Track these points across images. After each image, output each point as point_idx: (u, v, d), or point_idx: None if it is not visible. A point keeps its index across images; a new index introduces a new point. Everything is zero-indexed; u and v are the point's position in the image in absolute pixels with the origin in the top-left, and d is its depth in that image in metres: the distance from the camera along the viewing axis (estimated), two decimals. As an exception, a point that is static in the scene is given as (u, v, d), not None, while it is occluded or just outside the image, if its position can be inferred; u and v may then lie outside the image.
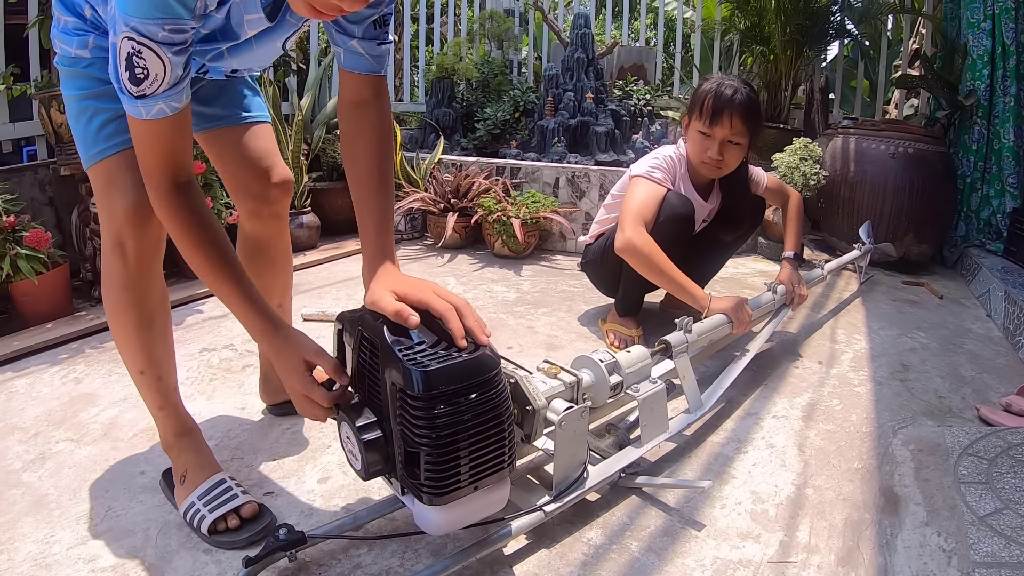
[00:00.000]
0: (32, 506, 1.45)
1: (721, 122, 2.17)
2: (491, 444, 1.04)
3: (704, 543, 1.35)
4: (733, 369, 1.94)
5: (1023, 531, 1.26)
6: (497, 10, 6.07)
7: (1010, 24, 3.94)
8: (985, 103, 4.03)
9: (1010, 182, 3.98)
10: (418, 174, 3.92)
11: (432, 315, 1.09)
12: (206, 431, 1.71)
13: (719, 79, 2.23)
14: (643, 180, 2.24)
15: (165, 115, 1.08)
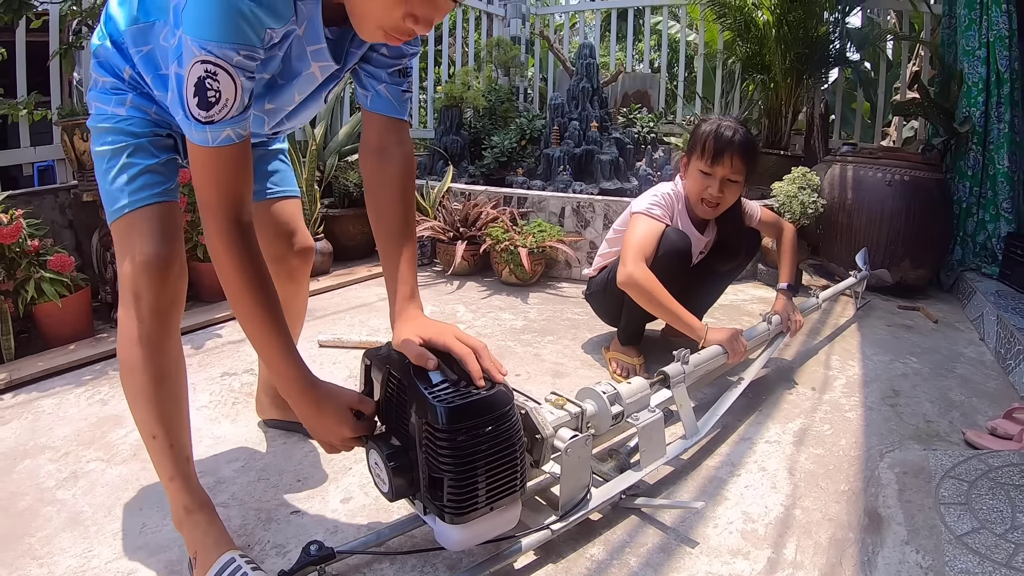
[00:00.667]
0: (68, 522, 1.54)
1: (722, 162, 2.29)
2: (505, 470, 1.17)
3: (698, 559, 1.46)
4: (728, 397, 2.05)
5: (997, 549, 1.35)
6: (504, 38, 6.23)
7: (1004, 52, 4.07)
8: (980, 129, 4.15)
9: (1005, 207, 4.09)
10: (428, 202, 4.04)
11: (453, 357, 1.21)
12: (231, 453, 1.84)
13: (718, 120, 2.36)
14: (643, 217, 2.36)
15: (232, 142, 1.10)
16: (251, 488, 1.67)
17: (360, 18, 1.14)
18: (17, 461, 1.81)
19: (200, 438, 1.89)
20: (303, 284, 1.77)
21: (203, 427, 1.98)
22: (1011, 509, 1.49)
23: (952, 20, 4.44)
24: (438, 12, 1.11)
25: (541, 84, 7.01)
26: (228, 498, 1.63)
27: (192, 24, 1.03)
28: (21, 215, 2.57)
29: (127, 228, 1.29)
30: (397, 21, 1.09)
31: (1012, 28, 4.07)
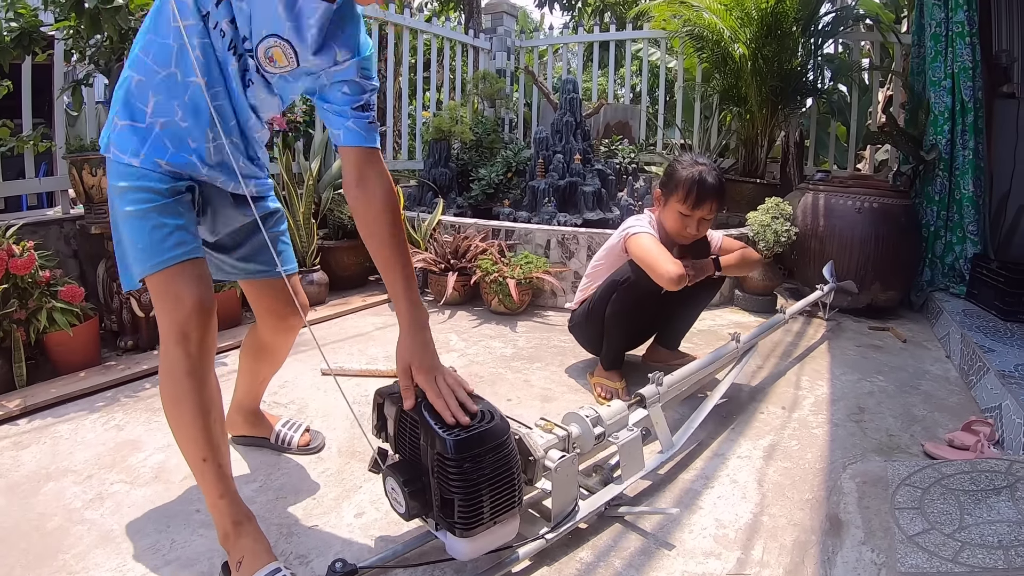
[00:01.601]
0: (100, 540, 1.65)
1: (703, 207, 2.51)
2: (505, 489, 1.37)
3: (675, 560, 1.65)
4: (700, 413, 2.24)
5: (944, 547, 1.53)
6: (490, 71, 6.44)
7: (968, 83, 4.28)
8: (946, 156, 4.35)
9: (971, 229, 4.29)
10: (419, 234, 4.20)
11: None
12: (249, 475, 1.98)
13: (694, 165, 2.54)
14: (643, 235, 2.53)
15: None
16: (271, 505, 1.83)
17: None
18: (42, 484, 1.91)
19: None
20: (296, 332, 1.95)
21: None
22: (960, 512, 1.66)
23: (921, 50, 4.64)
24: None
25: (526, 110, 7.22)
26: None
27: None
28: (32, 247, 2.69)
29: (170, 279, 1.42)
30: None
31: (975, 60, 4.30)
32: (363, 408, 2.47)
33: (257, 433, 2.14)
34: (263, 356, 1.99)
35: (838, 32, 5.62)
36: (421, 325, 1.55)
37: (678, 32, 5.79)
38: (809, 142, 6.03)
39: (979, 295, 3.87)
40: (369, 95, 1.58)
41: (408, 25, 5.90)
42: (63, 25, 2.90)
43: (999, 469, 1.84)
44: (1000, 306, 3.57)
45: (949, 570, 1.46)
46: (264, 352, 1.98)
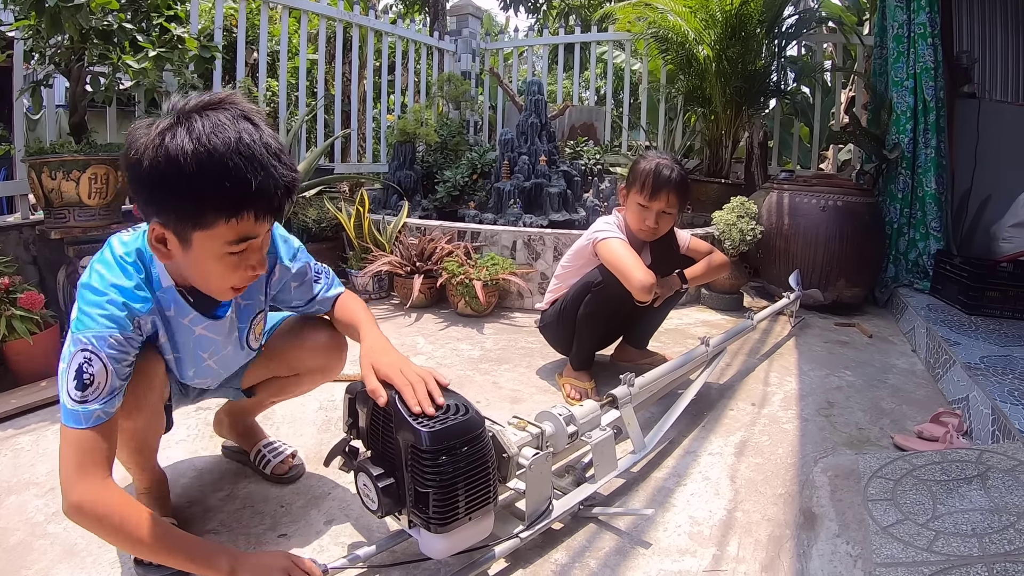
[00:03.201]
0: (64, 554, 1.58)
1: (659, 198, 2.50)
2: (480, 483, 1.34)
3: (650, 559, 1.63)
4: (671, 414, 2.23)
5: (919, 537, 1.54)
6: (455, 73, 6.42)
7: (930, 83, 4.38)
8: (909, 155, 4.44)
9: (933, 226, 4.37)
10: (384, 237, 4.16)
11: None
12: (215, 483, 1.92)
13: (655, 159, 2.56)
14: (612, 239, 2.52)
15: (102, 421, 1.27)
16: (238, 515, 1.77)
17: (208, 288, 1.39)
18: (2, 497, 1.84)
19: (183, 470, 1.98)
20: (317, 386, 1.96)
21: (184, 459, 2.06)
22: (932, 502, 1.67)
23: (883, 51, 4.74)
24: (263, 248, 1.36)
25: (491, 113, 7.21)
26: (217, 525, 1.72)
27: (75, 323, 1.28)
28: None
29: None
30: (241, 278, 1.35)
31: (937, 60, 4.40)
32: (330, 413, 2.42)
33: (241, 444, 2.05)
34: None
35: (802, 34, 5.69)
36: (380, 335, 1.60)
37: (643, 34, 5.83)
38: (773, 143, 6.09)
39: (943, 290, 3.94)
40: (313, 272, 1.71)
41: (373, 27, 5.85)
42: (23, 24, 2.82)
43: (969, 459, 1.85)
44: (964, 300, 3.63)
45: (925, 559, 1.46)
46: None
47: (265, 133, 1.25)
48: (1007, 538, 1.48)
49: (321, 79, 5.49)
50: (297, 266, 1.65)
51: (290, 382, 1.85)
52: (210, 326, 1.50)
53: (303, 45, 5.34)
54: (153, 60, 2.90)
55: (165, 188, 1.19)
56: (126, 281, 1.33)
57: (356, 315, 1.70)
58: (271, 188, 1.22)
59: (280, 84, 5.14)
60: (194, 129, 1.18)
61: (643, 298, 2.41)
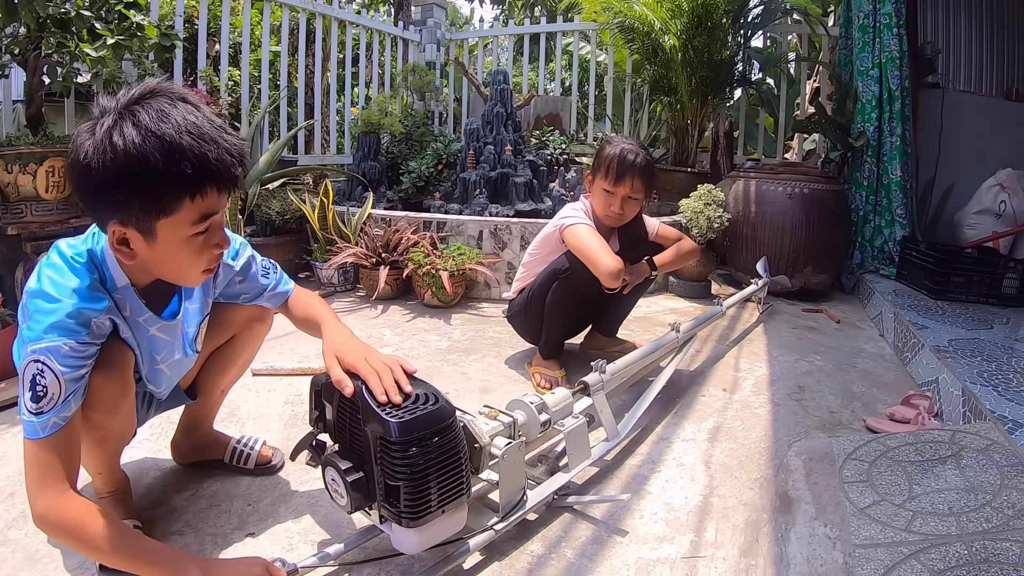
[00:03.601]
0: (25, 561, 1.52)
1: (624, 183, 2.47)
2: (452, 474, 1.30)
3: (628, 547, 1.60)
4: (644, 401, 2.21)
5: (896, 518, 1.54)
6: (420, 63, 6.35)
7: (895, 72, 4.42)
8: (874, 143, 4.49)
9: (899, 213, 4.42)
10: (349, 229, 4.09)
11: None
12: (179, 483, 1.85)
13: (620, 144, 2.53)
14: (580, 225, 2.49)
15: (59, 428, 1.24)
16: (204, 515, 1.71)
17: (180, 277, 1.38)
18: None
19: (146, 470, 1.91)
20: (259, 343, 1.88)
21: (146, 459, 1.99)
22: (908, 482, 1.68)
23: (848, 42, 4.81)
24: (224, 224, 1.36)
25: (455, 105, 7.15)
26: (183, 526, 1.66)
27: (26, 331, 1.25)
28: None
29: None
30: (209, 258, 1.33)
31: (902, 50, 4.45)
32: (296, 408, 2.36)
33: (211, 456, 1.96)
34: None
35: (767, 24, 5.72)
36: (342, 325, 1.60)
37: (609, 24, 5.80)
38: (738, 132, 6.12)
39: (909, 276, 3.99)
40: (258, 266, 1.69)
41: (337, 16, 5.75)
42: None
43: (942, 439, 1.85)
44: (930, 286, 3.68)
45: (904, 539, 1.45)
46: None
47: (204, 110, 1.26)
48: (984, 516, 1.48)
49: (284, 70, 5.39)
50: (240, 262, 1.63)
51: (230, 350, 1.80)
52: (163, 327, 1.47)
53: (266, 37, 5.24)
54: (112, 48, 2.82)
55: (123, 185, 1.18)
56: (79, 281, 1.29)
57: (314, 308, 1.68)
58: (226, 158, 1.24)
59: (242, 75, 5.04)
60: (140, 120, 1.18)
61: (611, 284, 2.38)
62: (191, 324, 1.55)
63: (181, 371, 1.66)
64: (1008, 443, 1.79)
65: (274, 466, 1.94)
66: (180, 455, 1.95)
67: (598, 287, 2.46)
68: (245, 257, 1.64)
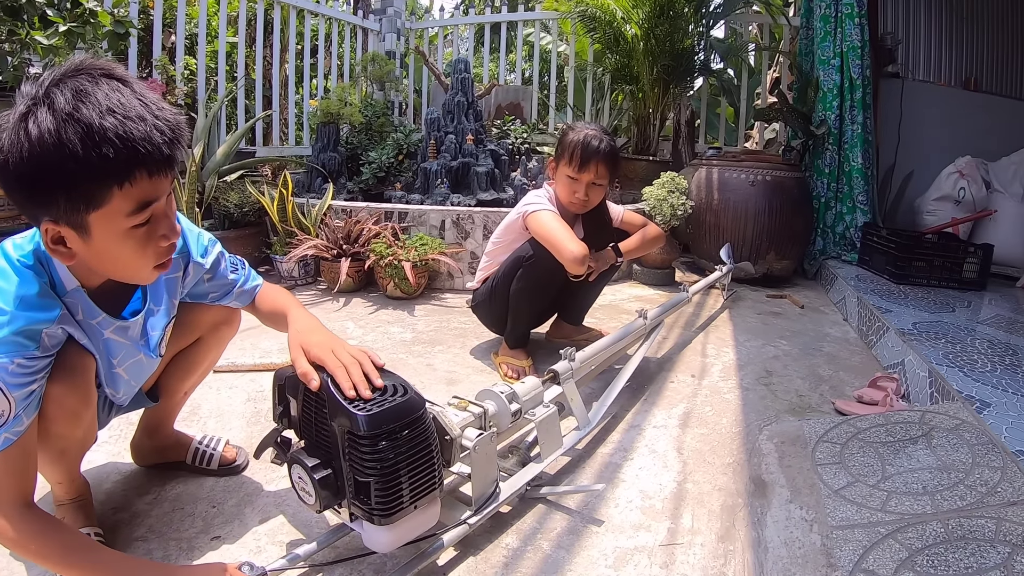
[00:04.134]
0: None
1: (588, 169, 2.44)
2: (424, 469, 1.25)
3: (604, 537, 1.58)
4: (614, 388, 2.19)
5: (871, 498, 1.54)
6: (379, 53, 6.26)
7: (856, 61, 4.48)
8: (836, 131, 4.54)
9: (860, 199, 4.49)
10: (309, 220, 4.02)
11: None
12: (141, 486, 1.78)
13: (583, 129, 2.50)
14: (543, 212, 2.46)
15: (11, 443, 1.17)
16: (167, 519, 1.65)
17: (129, 275, 1.27)
18: None
19: (106, 474, 1.84)
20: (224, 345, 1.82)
21: (106, 464, 1.92)
22: (880, 463, 1.69)
23: (809, 32, 4.86)
24: (170, 212, 1.23)
25: (415, 96, 7.08)
26: (146, 531, 1.60)
27: None
28: None
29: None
30: (157, 252, 1.22)
31: (864, 39, 4.51)
32: (259, 404, 2.31)
33: (172, 458, 1.90)
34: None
35: (729, 14, 5.75)
36: (310, 315, 1.55)
37: (570, 13, 5.78)
38: (699, 121, 6.14)
39: (871, 261, 4.04)
40: (228, 262, 1.62)
41: (295, 5, 5.64)
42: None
43: (912, 420, 1.86)
44: (892, 270, 3.73)
45: (880, 519, 1.45)
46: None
47: (134, 84, 1.13)
48: (958, 494, 1.49)
49: (241, 61, 5.28)
50: (210, 260, 1.55)
51: (195, 353, 1.72)
52: (119, 329, 1.37)
53: (223, 28, 5.12)
54: (64, 36, 2.71)
55: (44, 178, 1.07)
56: (27, 289, 1.19)
57: (279, 301, 1.62)
58: (155, 137, 1.10)
59: (199, 66, 4.92)
60: (56, 104, 1.05)
61: (576, 270, 2.35)
62: (156, 327, 1.47)
63: (142, 375, 1.56)
64: (977, 422, 1.80)
65: (238, 466, 1.87)
66: (141, 457, 1.87)
67: (563, 274, 2.43)
68: (214, 254, 1.56)
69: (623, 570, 1.47)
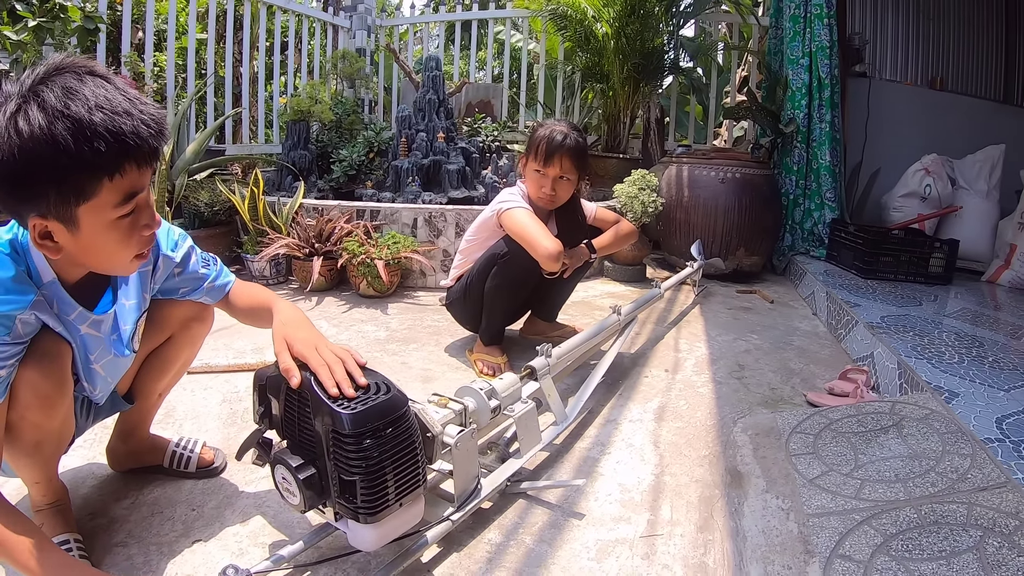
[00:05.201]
0: None
1: (553, 163, 2.47)
2: (408, 466, 1.26)
3: (586, 530, 1.60)
4: (590, 383, 2.21)
5: (845, 486, 1.58)
6: (350, 50, 6.23)
7: (825, 61, 4.56)
8: (804, 129, 4.61)
9: (828, 196, 4.56)
10: (281, 219, 3.99)
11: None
12: (118, 491, 1.75)
13: (551, 126, 2.53)
14: (517, 209, 2.48)
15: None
16: (146, 523, 1.63)
17: (111, 266, 1.30)
18: None
19: (82, 479, 1.82)
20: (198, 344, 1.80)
21: (82, 467, 1.89)
22: (853, 453, 1.73)
23: (778, 31, 4.92)
24: (150, 203, 1.26)
25: (384, 95, 7.05)
26: (125, 536, 1.58)
27: None
28: None
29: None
30: (139, 241, 1.25)
31: (832, 39, 4.60)
32: (234, 405, 2.29)
33: (149, 462, 1.87)
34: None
35: (699, 13, 5.80)
36: (295, 308, 1.56)
37: (541, 12, 5.80)
38: (669, 119, 6.19)
39: (839, 257, 4.11)
40: (199, 258, 1.63)
41: (266, 1, 5.60)
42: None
43: (883, 410, 1.90)
44: (860, 266, 3.80)
45: (855, 507, 1.49)
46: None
47: (116, 81, 1.17)
48: (930, 481, 1.53)
49: (211, 58, 5.23)
50: (180, 254, 1.55)
51: (167, 351, 1.71)
52: (94, 323, 1.38)
53: (192, 24, 5.06)
54: (33, 31, 2.67)
55: (35, 173, 1.09)
56: (3, 272, 1.20)
57: (260, 296, 1.63)
58: (143, 131, 1.14)
59: (168, 62, 4.86)
60: (45, 101, 1.08)
61: (551, 267, 2.37)
62: (127, 321, 1.46)
63: (118, 372, 1.55)
64: (946, 411, 1.85)
65: (216, 468, 1.85)
66: (116, 462, 1.85)
67: (538, 271, 2.45)
68: (184, 248, 1.56)
69: (605, 562, 1.49)
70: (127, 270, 1.32)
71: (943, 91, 5.35)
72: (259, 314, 1.60)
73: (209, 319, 1.73)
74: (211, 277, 1.62)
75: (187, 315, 1.66)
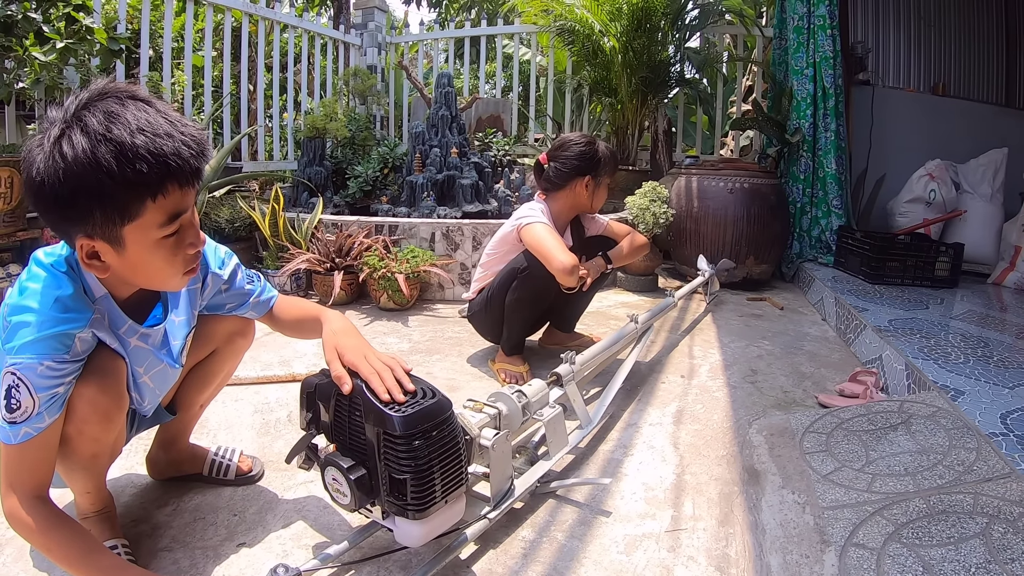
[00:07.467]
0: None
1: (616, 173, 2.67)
2: (453, 464, 1.36)
3: (614, 526, 1.69)
4: (611, 388, 2.30)
5: (857, 481, 1.66)
6: (361, 67, 6.34)
7: (829, 71, 4.63)
8: (810, 138, 4.69)
9: (835, 204, 4.63)
10: (300, 235, 4.08)
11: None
12: (159, 498, 1.80)
13: (587, 140, 2.69)
14: (538, 224, 2.56)
15: (31, 436, 1.23)
16: (190, 529, 1.68)
17: (160, 283, 1.35)
18: None
19: (122, 487, 1.86)
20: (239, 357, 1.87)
21: (122, 477, 1.93)
22: (864, 449, 1.81)
23: (783, 42, 5.00)
24: (195, 221, 1.32)
25: (395, 110, 7.15)
26: (170, 541, 1.62)
27: (5, 341, 1.23)
28: None
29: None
30: (185, 259, 1.30)
31: (836, 50, 4.67)
32: (266, 416, 2.37)
33: (189, 471, 1.92)
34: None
35: (705, 26, 5.89)
36: (343, 317, 1.61)
37: (549, 27, 5.88)
38: (676, 130, 6.26)
39: (846, 263, 4.18)
40: (244, 274, 1.69)
41: (278, 20, 5.72)
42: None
43: (892, 409, 1.98)
44: (867, 271, 3.87)
45: (867, 499, 1.57)
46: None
47: (157, 104, 1.22)
48: (937, 474, 1.61)
49: (227, 76, 5.34)
50: (227, 271, 1.62)
51: (210, 365, 1.77)
52: (143, 336, 1.44)
53: (208, 44, 5.17)
54: (60, 53, 2.76)
55: (81, 196, 1.14)
56: (63, 291, 1.26)
57: (305, 307, 1.70)
58: (184, 151, 1.19)
59: (186, 81, 4.98)
60: (89, 126, 1.13)
61: (566, 281, 2.45)
62: (177, 337, 1.53)
63: (166, 385, 1.61)
64: (952, 409, 1.93)
65: (254, 476, 1.91)
66: (157, 471, 1.90)
67: (556, 284, 2.52)
68: (231, 266, 1.64)
69: (634, 555, 1.57)
70: (177, 286, 1.38)
71: (945, 97, 5.43)
72: (306, 325, 1.67)
73: (251, 333, 1.80)
74: (256, 292, 1.69)
75: (231, 330, 1.73)
